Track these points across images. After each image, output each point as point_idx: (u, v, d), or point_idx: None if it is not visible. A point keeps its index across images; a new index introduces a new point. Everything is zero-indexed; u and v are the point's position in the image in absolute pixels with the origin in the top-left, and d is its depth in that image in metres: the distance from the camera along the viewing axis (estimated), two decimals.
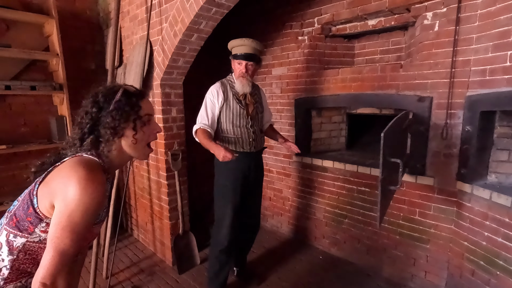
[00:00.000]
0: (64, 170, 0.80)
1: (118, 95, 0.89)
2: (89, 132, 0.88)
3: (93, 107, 0.88)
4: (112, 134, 0.87)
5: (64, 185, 0.77)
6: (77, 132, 0.90)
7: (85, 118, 0.89)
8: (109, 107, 0.88)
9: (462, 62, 1.77)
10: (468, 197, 1.81)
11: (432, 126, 1.93)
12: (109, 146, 0.89)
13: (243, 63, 1.82)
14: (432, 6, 1.87)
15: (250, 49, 1.81)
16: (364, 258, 2.41)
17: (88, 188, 0.76)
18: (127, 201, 3.01)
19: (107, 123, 0.87)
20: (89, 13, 2.81)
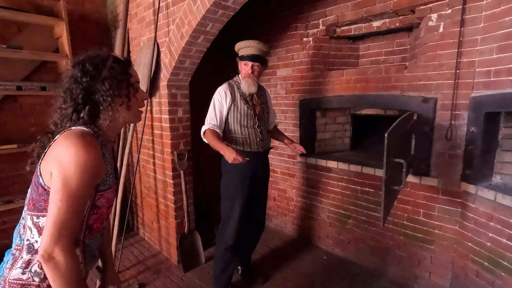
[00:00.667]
0: (57, 142, 0.81)
1: (109, 62, 0.88)
2: (83, 102, 0.86)
3: (83, 76, 0.86)
4: (110, 101, 0.87)
5: (57, 152, 0.79)
6: (70, 104, 0.87)
7: (75, 88, 0.86)
8: (101, 75, 0.86)
9: (466, 63, 1.77)
10: (472, 198, 1.81)
11: (436, 127, 1.93)
12: (107, 114, 0.89)
13: (249, 64, 1.86)
14: (437, 7, 1.87)
15: (256, 50, 1.84)
16: (368, 259, 2.42)
17: (80, 151, 0.76)
18: (134, 200, 3.06)
19: (104, 90, 0.86)
20: (97, 15, 2.86)
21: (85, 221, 0.88)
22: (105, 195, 0.91)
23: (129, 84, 0.92)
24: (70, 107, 0.87)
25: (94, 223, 0.91)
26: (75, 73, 0.87)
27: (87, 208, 0.86)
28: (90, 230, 0.91)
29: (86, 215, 0.87)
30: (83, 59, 0.89)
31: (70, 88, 0.88)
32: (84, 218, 0.87)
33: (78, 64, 0.88)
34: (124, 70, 0.91)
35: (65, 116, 0.88)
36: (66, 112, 0.88)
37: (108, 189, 0.91)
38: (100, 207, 0.91)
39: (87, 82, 0.86)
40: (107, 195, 0.91)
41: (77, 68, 0.87)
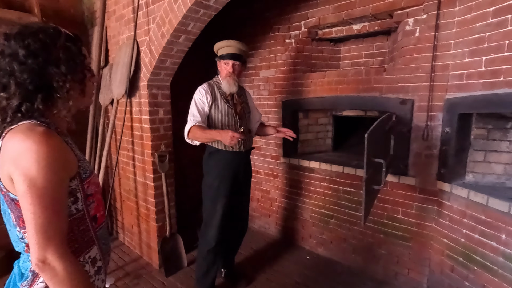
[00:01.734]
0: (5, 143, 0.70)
1: (62, 40, 0.76)
2: (35, 89, 0.71)
3: (28, 56, 0.70)
4: (69, 88, 0.76)
5: (11, 155, 0.68)
6: (16, 91, 0.70)
7: (19, 71, 0.70)
8: (51, 54, 0.73)
9: (441, 67, 1.85)
10: (447, 196, 1.89)
11: (414, 128, 2.00)
12: (64, 103, 0.77)
13: (230, 63, 1.85)
14: (413, 12, 1.94)
15: (236, 49, 1.84)
16: (350, 258, 2.46)
17: (37, 146, 0.67)
18: (113, 204, 2.96)
19: (59, 75, 0.73)
20: (73, 11, 2.75)
21: (86, 214, 0.83)
22: (92, 181, 0.85)
23: (85, 67, 0.81)
24: (15, 95, 0.71)
25: (96, 212, 0.87)
26: (13, 49, 0.70)
27: (81, 201, 0.81)
28: (96, 220, 0.87)
29: (83, 208, 0.82)
30: (22, 32, 0.72)
31: (6, 69, 0.70)
32: (84, 212, 0.82)
33: (16, 38, 0.71)
34: (79, 50, 0.80)
35: (7, 107, 0.71)
36: (10, 103, 0.71)
37: (91, 174, 0.85)
38: (94, 194, 0.86)
39: (36, 64, 0.71)
40: (93, 181, 0.86)
41: (14, 43, 0.71)
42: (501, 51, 1.52)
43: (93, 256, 0.86)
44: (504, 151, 1.75)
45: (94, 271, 0.86)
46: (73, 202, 0.79)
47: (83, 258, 0.82)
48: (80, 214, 0.82)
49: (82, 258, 0.82)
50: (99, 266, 0.88)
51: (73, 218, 0.79)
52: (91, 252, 0.85)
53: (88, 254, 0.84)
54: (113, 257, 2.62)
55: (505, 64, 1.51)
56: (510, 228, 1.53)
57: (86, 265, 0.83)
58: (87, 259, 0.84)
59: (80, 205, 0.81)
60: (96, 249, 0.86)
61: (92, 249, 0.85)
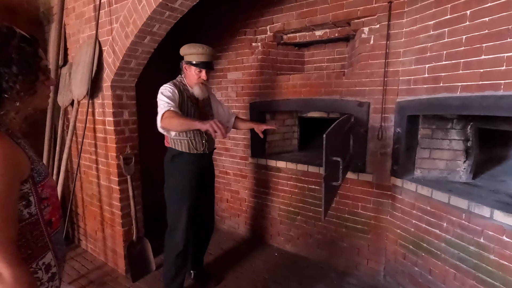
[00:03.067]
0: None
1: (15, 40, 0.75)
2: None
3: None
4: (19, 89, 0.74)
5: None
6: None
7: None
8: (3, 55, 0.72)
9: (392, 73, 2.03)
10: (399, 190, 2.07)
11: (370, 128, 2.17)
12: (12, 104, 0.75)
13: (204, 71, 1.83)
14: (368, 22, 2.11)
15: (209, 57, 1.83)
16: (315, 252, 2.59)
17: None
18: (74, 210, 2.81)
19: (10, 75, 0.72)
20: (27, 6, 2.58)
21: (41, 218, 0.80)
22: (47, 184, 0.82)
23: (39, 69, 0.80)
24: None
25: (51, 217, 0.84)
26: None
27: (35, 205, 0.78)
28: (51, 225, 0.84)
29: (37, 213, 0.79)
30: None
31: None
32: (38, 216, 0.79)
33: None
34: (34, 51, 0.79)
35: None
36: None
37: (46, 177, 0.83)
38: (49, 198, 0.83)
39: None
40: (48, 184, 0.83)
41: None
42: (440, 60, 1.71)
43: (48, 262, 0.83)
44: (446, 149, 1.96)
45: (48, 278, 0.83)
46: (26, 206, 0.77)
47: (36, 265, 0.80)
48: (34, 219, 0.79)
49: (35, 264, 0.79)
50: (53, 272, 0.85)
51: (25, 223, 0.77)
52: (45, 258, 0.82)
53: (42, 260, 0.81)
54: (75, 266, 2.50)
55: (444, 72, 1.70)
56: (450, 217, 1.73)
57: (39, 272, 0.81)
58: (41, 265, 0.81)
59: (33, 209, 0.79)
60: (51, 254, 0.84)
61: (46, 255, 0.83)
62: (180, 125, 1.58)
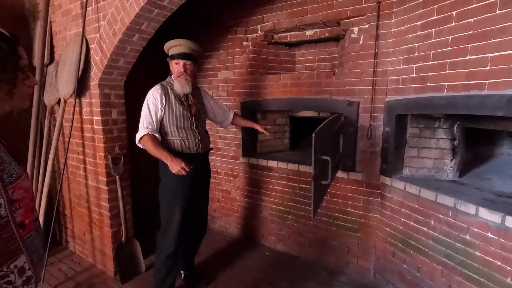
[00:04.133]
0: None
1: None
2: None
3: None
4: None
5: None
6: None
7: None
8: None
9: (381, 72, 2.05)
10: (388, 188, 2.09)
11: (359, 128, 2.18)
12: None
13: (181, 63, 1.83)
14: (357, 22, 2.12)
15: (186, 48, 1.82)
16: (307, 251, 2.59)
17: None
18: (62, 211, 2.76)
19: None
20: (11, 2, 2.52)
21: (11, 220, 0.77)
22: (19, 185, 0.79)
23: (17, 68, 0.79)
24: None
25: (24, 219, 0.81)
26: None
27: (4, 207, 0.75)
28: (23, 227, 0.81)
29: (7, 215, 0.76)
30: None
31: None
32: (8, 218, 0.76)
33: None
34: (13, 50, 0.78)
35: None
36: None
37: (18, 178, 0.80)
38: (21, 200, 0.80)
39: None
40: (21, 185, 0.80)
41: None
42: (428, 60, 1.74)
43: (20, 265, 0.81)
44: (433, 148, 1.99)
45: (22, 281, 0.81)
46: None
47: (8, 268, 0.78)
48: (3, 221, 0.77)
49: (6, 267, 0.77)
50: (28, 276, 0.83)
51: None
52: (17, 261, 0.80)
53: (14, 263, 0.79)
54: (62, 268, 2.45)
55: (431, 72, 1.73)
56: (437, 215, 1.76)
57: (11, 275, 0.78)
58: (13, 268, 0.79)
59: (3, 211, 0.76)
60: (24, 257, 0.82)
61: (19, 258, 0.80)
62: (153, 154, 1.71)
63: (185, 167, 1.60)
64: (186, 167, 1.60)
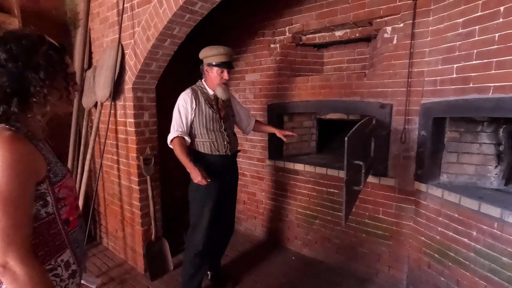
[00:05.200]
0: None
1: (44, 47, 0.79)
2: (12, 92, 0.74)
3: (9, 60, 0.73)
4: (46, 93, 0.78)
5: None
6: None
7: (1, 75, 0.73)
8: (32, 61, 0.76)
9: (417, 73, 1.95)
10: (424, 195, 1.98)
11: (392, 131, 2.09)
12: (39, 107, 0.79)
13: (225, 71, 1.88)
14: (391, 21, 2.04)
15: (229, 57, 1.88)
16: (334, 257, 2.53)
17: (2, 152, 0.69)
18: (96, 208, 2.90)
19: (37, 80, 0.76)
20: (55, 12, 2.70)
21: (58, 217, 0.83)
22: (64, 185, 0.85)
23: (66, 75, 0.84)
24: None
25: (69, 216, 0.87)
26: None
27: (52, 205, 0.81)
28: (68, 224, 0.87)
29: (54, 212, 0.81)
30: (6, 37, 0.76)
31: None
32: (55, 215, 0.82)
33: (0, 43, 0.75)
34: (61, 58, 0.83)
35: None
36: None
37: (63, 178, 0.85)
38: (66, 198, 0.86)
39: (16, 68, 0.74)
40: (66, 184, 0.86)
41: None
42: (470, 60, 1.62)
43: (66, 259, 0.85)
44: (475, 153, 1.86)
45: (68, 275, 0.85)
46: (43, 206, 0.79)
47: (55, 261, 0.82)
48: (51, 218, 0.82)
49: (54, 261, 0.82)
50: (73, 269, 0.87)
51: (42, 221, 0.79)
52: (63, 256, 0.85)
53: (61, 258, 0.84)
54: (97, 263, 2.58)
55: (474, 72, 1.61)
56: (480, 225, 1.63)
57: (58, 268, 0.83)
58: (60, 262, 0.83)
59: (50, 208, 0.81)
60: (69, 252, 0.86)
61: (64, 252, 0.85)
62: (179, 157, 1.81)
63: (203, 180, 1.72)
64: (204, 180, 1.73)
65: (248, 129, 2.25)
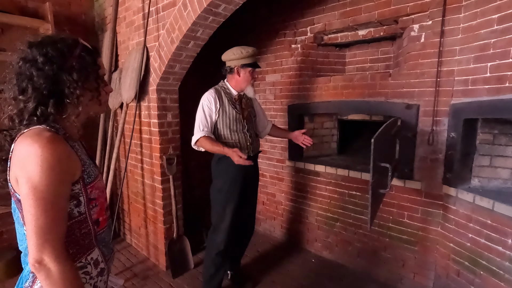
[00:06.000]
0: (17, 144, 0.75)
1: (78, 50, 0.82)
2: (49, 94, 0.77)
3: (46, 63, 0.76)
4: (79, 95, 0.80)
5: (19, 156, 0.73)
6: (33, 95, 0.76)
7: (37, 76, 0.76)
8: (67, 63, 0.79)
9: (446, 72, 1.87)
10: (453, 200, 1.90)
11: (419, 133, 2.02)
12: (73, 108, 0.82)
13: (254, 71, 1.93)
14: (418, 18, 1.97)
15: (256, 58, 1.93)
16: (355, 261, 2.47)
17: (42, 151, 0.71)
18: (120, 206, 3.00)
19: (71, 82, 0.78)
20: (84, 17, 2.82)
21: (89, 217, 0.86)
22: (96, 186, 0.88)
23: (98, 77, 0.87)
24: (32, 99, 0.77)
25: (98, 216, 0.90)
26: (33, 56, 0.76)
27: (84, 205, 0.84)
28: (98, 224, 0.90)
29: (85, 212, 0.85)
30: (43, 41, 0.79)
31: (26, 74, 0.77)
32: (86, 215, 0.85)
33: (37, 46, 0.78)
34: (94, 60, 0.86)
35: (24, 110, 0.77)
36: (27, 106, 0.77)
37: (95, 179, 0.88)
38: (97, 198, 0.89)
39: (52, 71, 0.76)
40: (97, 185, 0.89)
41: (35, 51, 0.77)
42: (506, 58, 1.54)
43: (95, 258, 0.88)
44: (510, 156, 1.76)
45: (97, 272, 0.88)
46: (76, 205, 0.82)
47: (85, 259, 0.85)
48: (82, 217, 0.84)
49: (84, 259, 0.85)
50: (102, 268, 0.90)
51: (75, 220, 0.82)
52: (92, 254, 0.87)
53: (90, 256, 0.87)
54: (121, 258, 2.66)
55: (511, 70, 1.52)
56: None
57: (88, 266, 0.86)
58: (89, 260, 0.86)
59: (82, 208, 0.84)
60: (98, 251, 0.89)
61: (93, 251, 0.88)
62: (213, 151, 1.83)
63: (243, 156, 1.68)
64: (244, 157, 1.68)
65: (264, 132, 2.23)
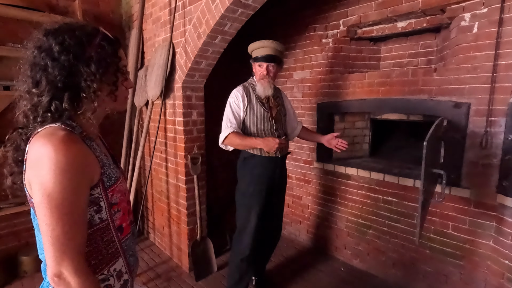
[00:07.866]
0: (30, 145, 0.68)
1: (97, 39, 0.73)
2: (64, 87, 0.69)
3: (62, 53, 0.68)
4: (96, 88, 0.72)
5: (31, 158, 0.66)
6: (47, 88, 0.69)
7: (52, 67, 0.68)
8: (85, 53, 0.71)
9: (505, 66, 1.64)
10: (509, 211, 1.67)
11: (469, 134, 1.80)
12: (89, 104, 0.73)
13: (264, 65, 1.78)
14: (470, 6, 1.75)
15: (270, 50, 1.76)
16: (389, 272, 2.28)
17: (56, 154, 0.63)
18: (145, 204, 2.99)
19: (88, 74, 0.70)
20: (112, 15, 2.83)
21: (111, 224, 0.78)
22: (117, 189, 0.80)
23: (118, 69, 0.77)
24: (46, 92, 0.69)
25: (122, 222, 0.82)
26: (49, 45, 0.69)
27: (105, 210, 0.76)
28: (121, 231, 0.82)
29: (107, 218, 0.77)
30: (61, 29, 0.71)
31: (40, 64, 0.69)
32: (108, 221, 0.77)
33: (54, 34, 0.70)
34: (114, 51, 0.77)
35: (39, 105, 0.70)
36: (41, 100, 0.69)
37: (116, 181, 0.79)
38: (119, 203, 0.81)
39: (68, 61, 0.69)
40: (119, 188, 0.80)
41: (51, 39, 0.69)
42: None
43: (119, 269, 0.81)
44: None
45: (120, 285, 0.81)
46: (97, 211, 0.75)
47: (108, 271, 0.78)
48: (104, 224, 0.77)
49: (106, 271, 0.77)
50: (125, 279, 0.82)
51: (96, 228, 0.75)
52: (116, 265, 0.80)
53: (113, 267, 0.79)
54: (144, 257, 2.64)
55: None
56: None
57: (110, 279, 0.78)
58: (112, 272, 0.79)
59: (104, 214, 0.76)
60: (122, 261, 0.81)
61: (117, 261, 0.80)
62: (241, 146, 1.76)
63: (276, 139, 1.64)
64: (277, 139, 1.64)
65: (293, 134, 2.11)
